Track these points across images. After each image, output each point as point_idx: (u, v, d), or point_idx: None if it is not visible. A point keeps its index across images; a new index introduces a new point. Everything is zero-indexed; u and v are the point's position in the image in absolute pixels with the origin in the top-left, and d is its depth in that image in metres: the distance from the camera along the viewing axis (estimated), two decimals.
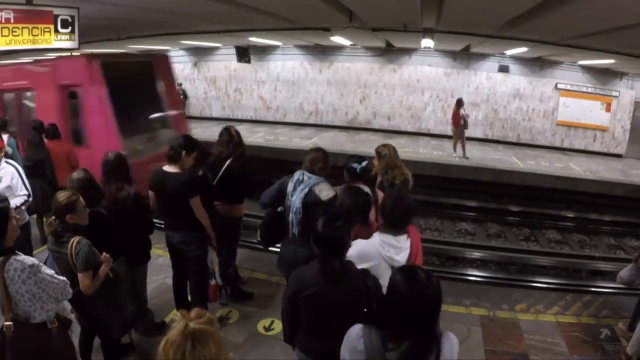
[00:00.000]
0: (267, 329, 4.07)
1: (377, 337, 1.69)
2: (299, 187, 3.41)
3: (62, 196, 2.80)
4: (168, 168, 3.69)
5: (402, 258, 2.62)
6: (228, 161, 4.16)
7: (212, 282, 4.01)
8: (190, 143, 3.74)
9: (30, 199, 4.19)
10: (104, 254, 2.93)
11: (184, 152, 3.66)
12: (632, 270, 3.50)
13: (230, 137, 4.28)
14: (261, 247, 4.21)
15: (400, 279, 1.73)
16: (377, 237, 2.65)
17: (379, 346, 1.67)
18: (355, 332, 1.78)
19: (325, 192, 3.33)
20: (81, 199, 2.86)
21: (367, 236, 2.73)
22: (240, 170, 4.19)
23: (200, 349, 1.43)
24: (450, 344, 1.75)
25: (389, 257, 2.58)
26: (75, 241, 2.75)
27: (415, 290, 1.68)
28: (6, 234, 2.35)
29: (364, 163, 3.65)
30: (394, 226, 2.65)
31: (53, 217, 2.83)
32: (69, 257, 2.74)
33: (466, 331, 4.08)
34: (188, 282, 4.03)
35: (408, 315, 1.67)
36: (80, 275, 2.74)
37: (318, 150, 3.55)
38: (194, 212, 3.68)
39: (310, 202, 3.33)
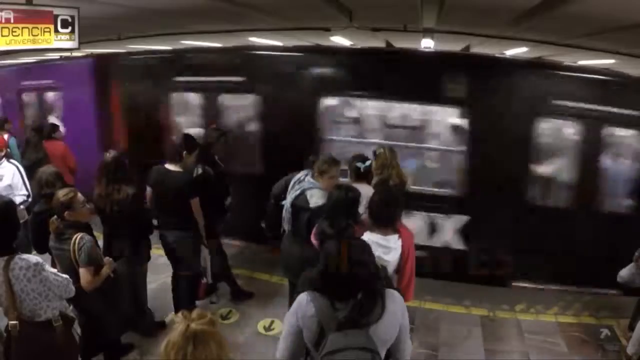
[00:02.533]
0: (267, 329, 4.07)
1: (324, 300, 1.80)
2: (295, 187, 3.46)
3: (60, 194, 2.86)
4: (170, 166, 3.72)
5: (391, 258, 2.63)
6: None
7: (203, 281, 4.04)
8: (190, 142, 3.79)
9: (30, 198, 4.21)
10: (107, 258, 2.96)
11: (184, 152, 3.69)
12: (632, 269, 3.51)
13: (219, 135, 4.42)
14: (261, 247, 4.24)
15: (335, 250, 1.84)
16: (366, 237, 2.65)
17: (329, 308, 1.78)
18: (304, 299, 1.86)
19: (315, 198, 3.35)
20: (79, 195, 2.91)
21: (360, 235, 2.73)
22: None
23: (201, 350, 1.43)
24: (394, 300, 1.88)
25: (377, 256, 2.57)
26: (78, 237, 2.80)
27: (350, 260, 1.80)
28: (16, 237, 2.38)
29: (368, 162, 3.67)
30: (381, 224, 2.67)
31: (55, 217, 2.86)
32: (72, 252, 2.77)
33: (466, 331, 4.08)
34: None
35: (348, 282, 1.80)
36: (81, 270, 2.78)
37: (329, 157, 3.60)
38: (191, 212, 3.72)
39: (299, 205, 3.39)
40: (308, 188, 3.39)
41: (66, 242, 2.81)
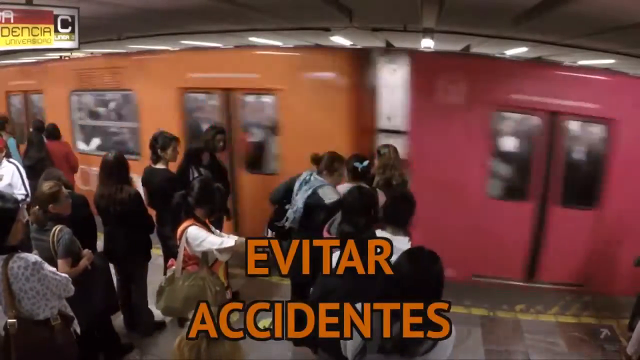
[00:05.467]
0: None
1: (376, 317, 1.69)
2: (304, 188, 3.45)
3: (45, 187, 2.94)
4: (154, 165, 3.90)
5: None
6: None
7: None
8: (161, 139, 3.90)
9: (29, 198, 4.22)
10: (85, 250, 3.00)
11: (158, 150, 3.84)
12: None
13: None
14: None
15: (404, 259, 1.77)
16: (377, 234, 2.63)
17: (377, 326, 1.67)
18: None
19: (329, 195, 3.36)
20: (63, 189, 2.99)
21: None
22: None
23: (215, 348, 1.43)
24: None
25: None
26: (57, 229, 2.86)
27: (416, 270, 1.71)
28: (10, 234, 2.37)
29: (366, 162, 3.66)
30: (392, 226, 2.65)
31: (37, 207, 2.93)
32: (51, 244, 2.83)
33: (466, 331, 4.08)
34: None
35: (408, 294, 1.66)
36: (59, 262, 2.82)
37: (331, 153, 3.59)
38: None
39: (313, 204, 3.37)
40: (319, 186, 3.40)
41: (47, 234, 2.87)
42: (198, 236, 2.97)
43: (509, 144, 5.02)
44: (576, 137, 4.79)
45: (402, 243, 2.62)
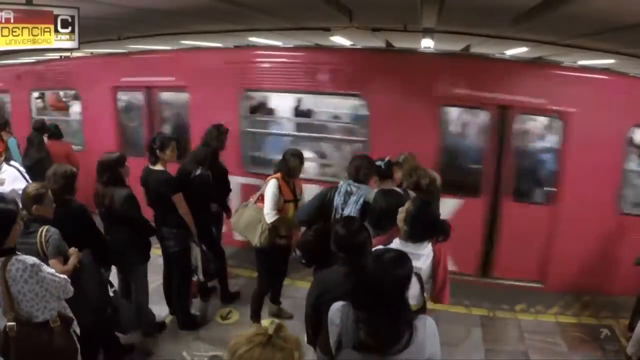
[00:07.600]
0: None
1: (352, 314, 1.76)
2: (352, 199, 3.26)
3: (31, 188, 2.89)
4: (153, 166, 3.81)
5: (423, 264, 2.48)
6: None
7: (194, 278, 4.04)
8: (161, 140, 3.81)
9: None
10: (72, 248, 2.94)
11: (157, 151, 3.76)
12: None
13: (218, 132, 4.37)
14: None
15: (371, 259, 1.80)
16: (395, 244, 2.55)
17: (352, 323, 1.73)
18: (335, 307, 1.86)
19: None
20: (49, 192, 2.93)
21: (377, 242, 2.61)
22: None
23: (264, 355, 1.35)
24: (424, 329, 1.79)
25: None
26: (44, 229, 2.80)
27: (381, 269, 1.74)
28: (9, 235, 2.36)
29: (387, 158, 3.60)
30: (414, 237, 2.53)
31: (20, 207, 2.86)
32: (39, 245, 2.76)
33: (466, 331, 4.08)
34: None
35: (377, 295, 1.71)
36: (51, 262, 2.76)
37: (362, 157, 3.50)
38: (177, 209, 3.76)
39: (365, 212, 3.20)
40: (366, 193, 3.26)
41: (32, 236, 2.80)
42: (268, 192, 3.67)
43: None
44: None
45: (422, 248, 2.53)
